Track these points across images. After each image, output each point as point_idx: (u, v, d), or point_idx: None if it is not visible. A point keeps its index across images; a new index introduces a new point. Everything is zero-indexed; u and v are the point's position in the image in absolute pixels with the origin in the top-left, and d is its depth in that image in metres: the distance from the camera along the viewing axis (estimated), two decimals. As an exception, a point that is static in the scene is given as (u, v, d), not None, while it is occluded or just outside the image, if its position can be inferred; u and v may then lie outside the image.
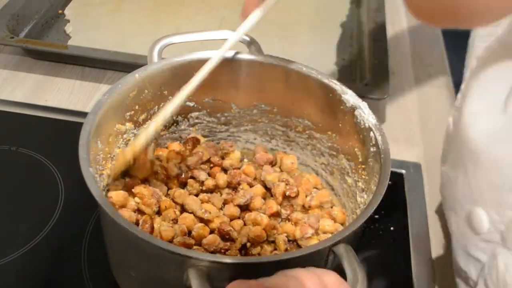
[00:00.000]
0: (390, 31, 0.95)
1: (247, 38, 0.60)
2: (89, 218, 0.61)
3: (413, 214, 0.66)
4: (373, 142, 0.50)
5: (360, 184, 0.54)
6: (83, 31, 0.89)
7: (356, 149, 0.54)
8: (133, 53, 0.78)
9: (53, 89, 0.80)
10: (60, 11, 0.93)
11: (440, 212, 0.67)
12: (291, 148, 0.63)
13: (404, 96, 0.84)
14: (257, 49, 0.60)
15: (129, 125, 0.55)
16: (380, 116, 0.80)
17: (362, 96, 0.65)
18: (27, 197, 0.64)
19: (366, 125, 0.52)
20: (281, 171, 0.60)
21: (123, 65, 0.79)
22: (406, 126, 0.79)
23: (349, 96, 0.54)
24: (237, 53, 0.57)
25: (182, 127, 0.61)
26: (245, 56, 0.58)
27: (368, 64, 0.82)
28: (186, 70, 0.56)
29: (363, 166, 0.53)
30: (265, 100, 0.60)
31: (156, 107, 0.57)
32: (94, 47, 0.80)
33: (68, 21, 0.91)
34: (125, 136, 0.55)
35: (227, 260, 0.41)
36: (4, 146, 0.69)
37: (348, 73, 0.85)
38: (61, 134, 0.71)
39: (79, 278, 0.56)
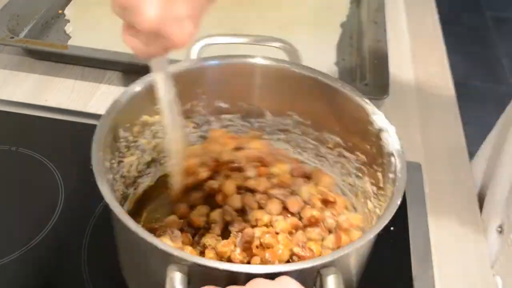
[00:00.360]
0: (390, 31, 0.95)
1: (287, 46, 0.59)
2: (89, 218, 0.61)
3: (413, 214, 0.65)
4: (393, 169, 0.49)
5: (377, 210, 0.53)
6: (83, 31, 0.89)
7: (378, 173, 0.53)
8: (133, 53, 0.78)
9: (53, 89, 0.80)
10: (60, 11, 0.93)
11: (440, 212, 0.67)
12: (322, 163, 0.61)
13: (404, 96, 0.84)
14: (295, 57, 0.59)
15: (158, 117, 0.54)
16: (380, 116, 0.80)
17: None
18: (27, 197, 0.64)
19: (390, 150, 0.50)
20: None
21: (123, 65, 0.79)
22: (406, 126, 0.79)
23: (378, 118, 0.52)
24: (271, 59, 0.57)
25: (214, 127, 0.61)
26: (279, 64, 0.57)
27: (368, 64, 0.82)
28: (222, 72, 0.56)
29: (381, 192, 0.52)
30: (298, 110, 0.59)
31: (189, 104, 0.57)
32: (94, 47, 0.80)
33: (68, 21, 0.91)
34: (153, 128, 0.55)
35: (206, 263, 0.40)
36: (4, 146, 0.69)
37: (348, 73, 0.85)
38: (61, 134, 0.71)
39: (79, 278, 0.56)
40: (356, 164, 0.57)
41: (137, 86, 0.51)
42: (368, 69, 0.81)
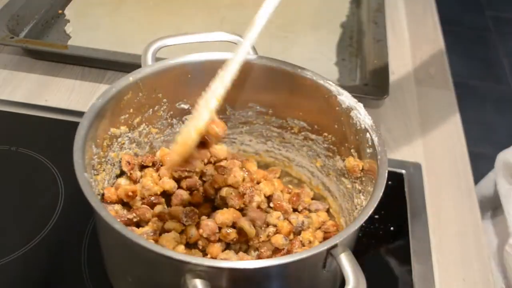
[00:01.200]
0: (390, 31, 0.95)
1: (240, 39, 0.60)
2: (89, 218, 0.61)
3: (413, 214, 0.66)
4: (369, 144, 0.50)
5: (357, 185, 0.54)
6: (83, 31, 0.89)
7: (352, 150, 0.54)
8: (133, 53, 0.78)
9: (53, 89, 0.80)
10: (60, 11, 0.93)
11: (440, 212, 0.67)
12: (287, 149, 0.62)
13: (404, 96, 0.84)
14: (252, 50, 0.59)
15: (123, 128, 0.55)
16: (380, 116, 0.80)
17: (362, 96, 0.65)
18: (27, 197, 0.64)
19: (362, 126, 0.51)
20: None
21: (123, 65, 0.79)
22: (406, 126, 0.79)
23: (345, 97, 0.53)
24: (229, 54, 0.57)
25: (177, 129, 0.61)
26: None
27: (368, 64, 0.82)
28: (181, 72, 0.56)
29: (349, 164, 0.54)
30: (260, 101, 0.60)
31: (151, 110, 0.57)
32: (94, 47, 0.80)
33: (68, 21, 0.91)
34: (119, 139, 0.55)
35: (224, 264, 0.41)
36: (4, 146, 0.69)
37: (348, 73, 0.85)
38: (61, 134, 0.71)
39: (79, 278, 0.56)
40: (325, 145, 0.58)
41: (100, 100, 0.51)
42: (368, 69, 0.81)
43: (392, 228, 0.64)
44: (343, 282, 0.40)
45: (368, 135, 0.50)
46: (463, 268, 0.62)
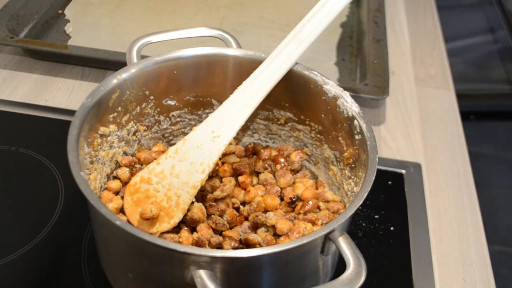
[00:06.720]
0: (390, 31, 0.95)
1: (225, 35, 0.60)
2: (89, 218, 0.61)
3: (413, 214, 0.66)
4: (358, 130, 0.51)
5: (346, 172, 0.54)
6: (83, 31, 0.89)
7: (340, 138, 0.55)
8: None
9: (53, 89, 0.80)
10: (60, 11, 0.93)
11: (440, 211, 0.67)
12: (274, 141, 0.63)
13: (404, 96, 0.84)
14: (233, 44, 0.60)
15: (112, 127, 0.55)
16: (380, 116, 0.80)
17: (362, 96, 0.65)
18: (27, 197, 0.64)
19: (350, 114, 0.52)
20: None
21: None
22: (406, 126, 0.79)
23: (331, 87, 0.54)
24: (215, 49, 0.57)
25: (164, 126, 0.61)
26: (224, 51, 0.58)
27: (368, 64, 0.82)
28: (166, 69, 0.56)
29: (349, 154, 0.54)
30: None
31: (138, 107, 0.57)
32: (94, 47, 0.80)
33: (68, 21, 0.91)
34: (109, 138, 0.55)
35: (228, 254, 0.41)
36: (4, 146, 0.69)
37: (348, 73, 0.85)
38: (61, 134, 0.70)
39: (79, 278, 0.56)
40: (312, 134, 0.59)
41: (90, 99, 0.51)
42: (368, 69, 0.81)
43: (392, 228, 0.64)
44: (341, 265, 0.40)
45: (356, 122, 0.51)
46: (463, 268, 0.62)
